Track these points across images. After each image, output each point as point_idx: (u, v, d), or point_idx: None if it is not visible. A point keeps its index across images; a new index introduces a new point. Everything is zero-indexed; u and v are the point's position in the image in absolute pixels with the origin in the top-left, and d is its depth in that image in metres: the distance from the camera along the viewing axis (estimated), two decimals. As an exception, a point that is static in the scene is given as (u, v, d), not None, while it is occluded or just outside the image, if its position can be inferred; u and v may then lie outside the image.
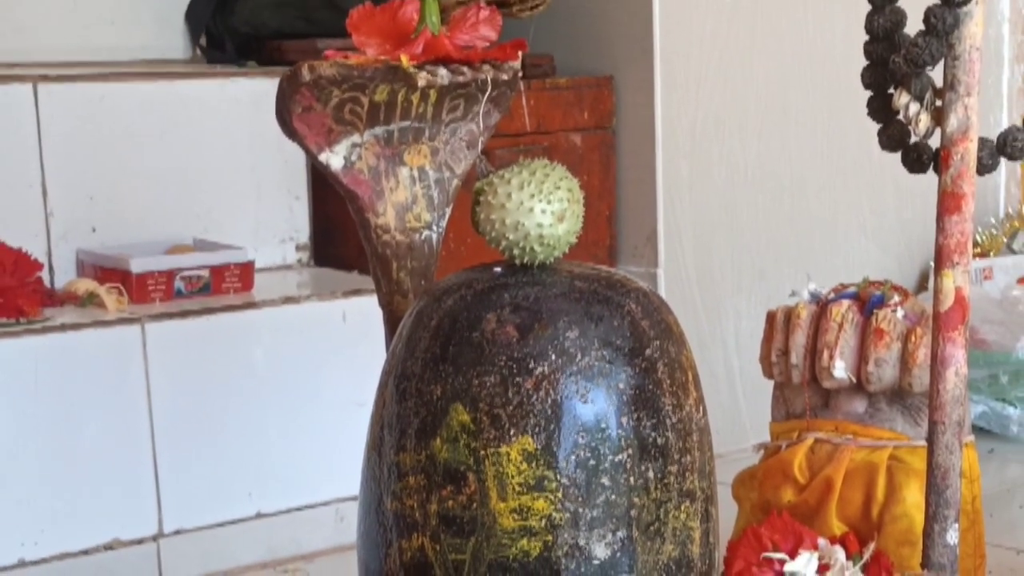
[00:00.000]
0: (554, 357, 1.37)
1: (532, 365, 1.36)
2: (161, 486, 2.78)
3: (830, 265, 3.45)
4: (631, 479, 1.38)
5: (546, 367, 1.36)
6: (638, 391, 1.39)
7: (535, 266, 1.45)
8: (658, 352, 1.41)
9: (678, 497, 1.40)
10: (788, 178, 3.40)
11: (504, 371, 1.36)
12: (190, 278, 2.88)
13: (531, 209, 1.42)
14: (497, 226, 1.42)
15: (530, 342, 1.37)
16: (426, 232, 1.65)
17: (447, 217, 1.68)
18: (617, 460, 1.37)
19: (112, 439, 2.73)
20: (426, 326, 1.41)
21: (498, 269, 1.46)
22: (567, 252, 1.47)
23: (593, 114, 3.23)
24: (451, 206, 1.68)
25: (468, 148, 1.66)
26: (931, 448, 1.77)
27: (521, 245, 1.43)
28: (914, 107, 1.72)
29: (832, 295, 2.08)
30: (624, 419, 1.38)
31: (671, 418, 1.40)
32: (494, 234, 1.43)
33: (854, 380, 2.00)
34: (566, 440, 1.36)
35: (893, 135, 1.78)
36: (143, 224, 3.04)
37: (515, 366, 1.36)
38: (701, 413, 1.45)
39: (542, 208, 1.42)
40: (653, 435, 1.39)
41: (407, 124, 1.62)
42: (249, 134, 3.11)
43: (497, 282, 1.43)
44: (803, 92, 3.41)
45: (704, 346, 3.22)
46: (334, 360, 2.89)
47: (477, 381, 1.36)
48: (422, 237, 1.65)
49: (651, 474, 1.39)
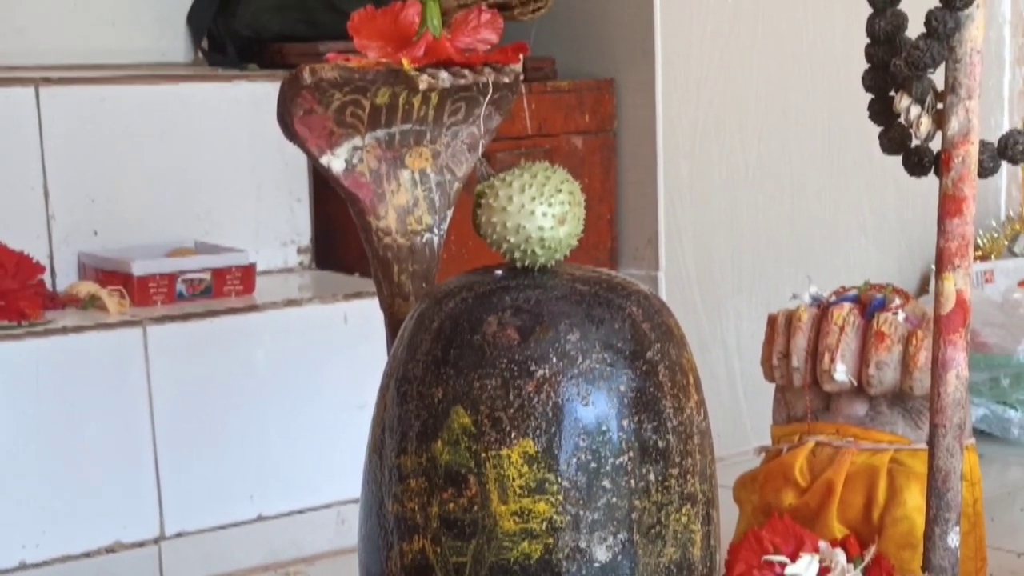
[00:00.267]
0: (555, 360, 1.37)
1: (533, 368, 1.36)
2: (163, 488, 2.78)
3: (831, 267, 3.45)
4: (632, 482, 1.38)
5: (547, 370, 1.36)
6: (639, 394, 1.39)
7: (536, 269, 1.45)
8: (659, 355, 1.41)
9: (679, 500, 1.40)
10: (788, 180, 3.40)
11: (505, 374, 1.36)
12: (192, 281, 2.88)
13: (532, 212, 1.42)
14: (498, 229, 1.42)
15: (531, 345, 1.37)
16: (427, 235, 1.65)
17: (448, 220, 1.67)
18: (618, 463, 1.37)
19: (113, 441, 2.73)
20: (427, 329, 1.41)
21: (499, 272, 1.46)
22: (568, 255, 1.47)
23: (594, 117, 3.23)
24: (452, 209, 1.68)
25: (469, 151, 1.66)
26: (932, 451, 1.77)
27: (522, 248, 1.43)
28: (915, 110, 1.72)
29: (833, 298, 2.08)
30: (625, 422, 1.38)
31: (672, 421, 1.40)
32: (495, 237, 1.43)
33: (855, 383, 2.00)
34: (567, 443, 1.36)
35: (894, 138, 1.78)
36: (144, 226, 3.04)
37: (516, 369, 1.36)
38: (702, 416, 1.45)
39: (543, 211, 1.42)
40: (654, 438, 1.39)
41: (408, 127, 1.62)
42: (250, 137, 3.11)
43: (498, 285, 1.43)
44: (804, 94, 3.41)
45: (705, 348, 3.22)
46: (335, 362, 2.89)
47: (478, 384, 1.36)
48: (423, 240, 1.65)
49: (652, 477, 1.39)
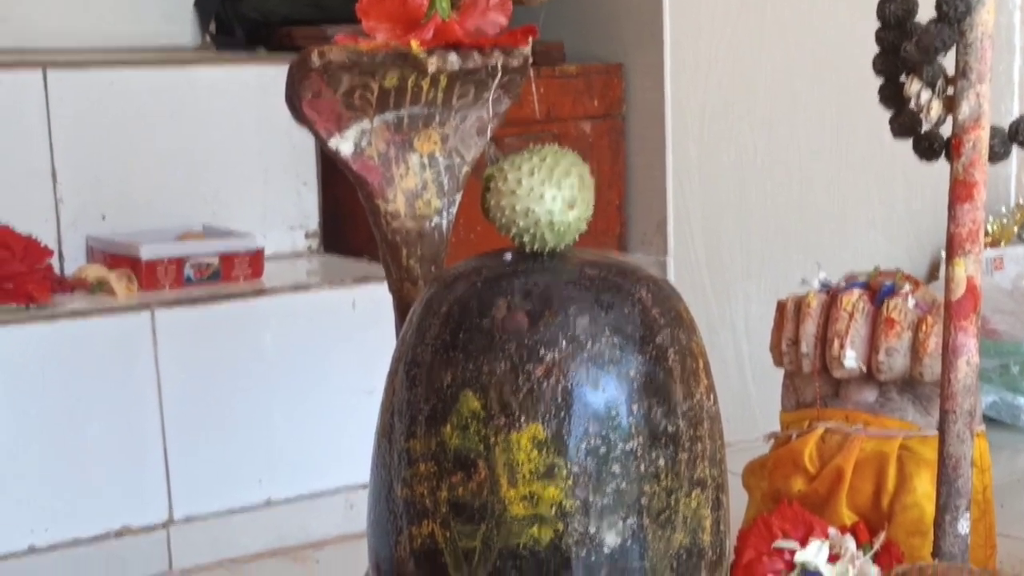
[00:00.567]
0: (564, 344, 1.36)
1: (542, 352, 1.36)
2: (171, 472, 2.78)
3: (839, 253, 3.44)
4: (642, 467, 1.37)
5: (556, 354, 1.36)
6: (649, 379, 1.38)
7: (545, 253, 1.44)
8: (669, 340, 1.41)
9: (689, 485, 1.40)
10: (797, 164, 3.39)
11: (514, 358, 1.36)
12: (200, 265, 2.88)
13: (541, 195, 1.41)
14: (507, 212, 1.42)
15: (540, 329, 1.36)
16: (436, 219, 1.65)
17: (457, 204, 1.67)
18: (628, 448, 1.37)
19: (122, 426, 2.73)
20: (436, 313, 1.41)
21: (508, 256, 1.45)
22: (578, 239, 1.46)
23: (603, 101, 3.22)
24: (461, 192, 1.67)
25: (478, 134, 1.66)
26: (942, 437, 1.77)
27: (531, 232, 1.42)
28: (926, 95, 1.72)
29: (843, 284, 2.07)
30: (635, 407, 1.37)
31: (682, 406, 1.40)
32: (504, 221, 1.43)
33: (865, 369, 1.99)
34: (576, 428, 1.35)
35: (904, 123, 1.77)
36: (152, 210, 3.04)
37: (525, 353, 1.36)
38: (712, 401, 1.45)
39: (552, 195, 1.41)
40: (664, 423, 1.38)
41: (417, 110, 1.62)
42: (258, 120, 3.11)
43: (507, 269, 1.43)
44: (813, 77, 3.40)
45: (714, 332, 3.22)
46: (344, 347, 2.88)
47: (487, 368, 1.36)
48: (432, 224, 1.65)
49: (662, 462, 1.38)
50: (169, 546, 2.81)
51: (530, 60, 1.64)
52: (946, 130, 1.75)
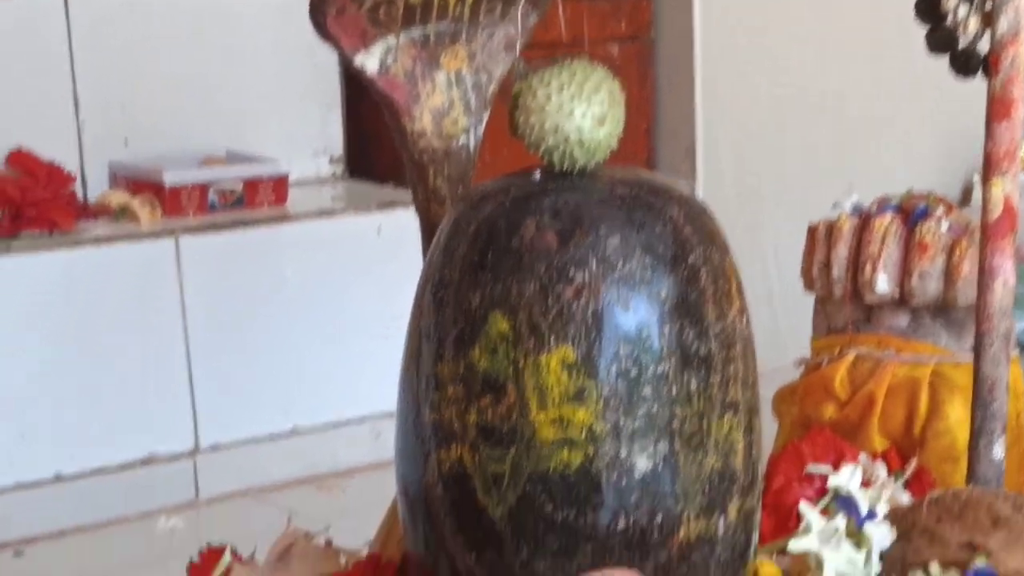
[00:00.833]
0: (595, 265, 1.34)
1: (572, 273, 1.33)
2: (197, 401, 2.79)
3: (871, 177, 3.41)
4: (673, 390, 1.35)
5: (587, 275, 1.33)
6: (681, 299, 1.36)
7: (575, 171, 1.42)
8: (701, 259, 1.38)
9: (721, 408, 1.38)
10: (829, 89, 3.36)
11: (544, 279, 1.33)
12: (224, 192, 2.87)
13: (571, 112, 1.38)
14: (536, 130, 1.39)
15: (570, 249, 1.34)
16: (463, 138, 1.63)
17: (484, 122, 1.65)
18: (659, 370, 1.34)
19: (147, 354, 2.73)
20: (464, 233, 1.38)
21: (537, 175, 1.43)
22: (608, 157, 1.43)
23: (631, 23, 3.18)
24: (488, 111, 1.65)
25: (506, 51, 1.63)
26: (978, 360, 1.75)
27: (561, 149, 1.39)
28: (963, 9, 1.69)
29: (875, 207, 2.05)
30: (666, 328, 1.35)
31: (714, 327, 1.38)
32: (533, 138, 1.40)
33: (897, 294, 1.97)
34: (607, 350, 1.33)
35: (940, 38, 1.74)
36: (175, 135, 3.02)
37: (555, 274, 1.33)
38: (745, 322, 1.42)
39: (582, 111, 1.38)
40: (696, 344, 1.36)
41: (443, 26, 1.59)
42: (281, 43, 3.08)
43: (536, 188, 1.40)
44: (845, -2, 3.36)
45: (743, 261, 3.19)
46: (369, 274, 2.88)
47: (516, 289, 1.34)
48: (459, 143, 1.63)
49: (693, 385, 1.36)
50: (196, 475, 2.82)
51: (558, -27, 1.61)
52: (983, 46, 1.72)
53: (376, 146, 3.13)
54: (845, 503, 1.59)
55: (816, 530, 1.53)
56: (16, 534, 2.76)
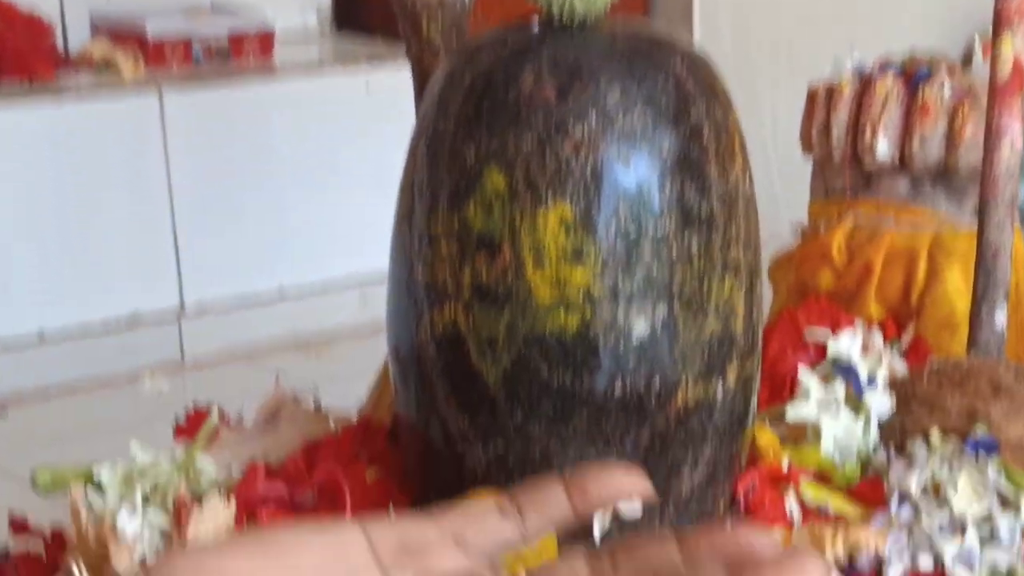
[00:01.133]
0: (594, 118, 1.29)
1: (571, 127, 1.28)
2: (181, 257, 2.75)
3: (871, 38, 3.35)
4: (673, 250, 1.31)
5: (586, 129, 1.28)
6: (682, 156, 1.31)
7: (575, 23, 1.36)
8: (704, 115, 1.33)
9: (722, 269, 1.33)
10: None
11: (541, 133, 1.28)
12: (209, 47, 2.81)
13: (572, -42, 1.32)
14: (535, -23, 1.33)
15: (569, 102, 1.29)
16: (458, -15, 1.57)
17: (481, -31, 1.59)
18: (659, 229, 1.30)
19: (131, 209, 2.69)
20: (458, 85, 1.33)
21: (535, 26, 1.37)
22: (609, 8, 1.37)
23: None
24: (485, -42, 1.59)
25: None
26: (981, 225, 1.71)
27: (561, -2, 1.34)
28: None
29: (876, 69, 2.00)
30: (667, 185, 1.30)
31: (716, 185, 1.33)
32: (532, -14, 1.34)
33: (897, 159, 1.93)
34: (606, 208, 1.28)
35: None
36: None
37: (553, 128, 1.28)
38: (747, 181, 1.38)
39: (584, -43, 1.32)
40: (697, 203, 1.31)
41: None
42: None
43: (534, 39, 1.35)
44: None
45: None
46: (358, 132, 2.83)
47: (513, 144, 1.29)
48: (454, -9, 1.57)
49: (694, 245, 1.32)
50: (180, 335, 2.80)
51: None
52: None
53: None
54: (844, 370, 1.55)
55: (814, 397, 1.50)
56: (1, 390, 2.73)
